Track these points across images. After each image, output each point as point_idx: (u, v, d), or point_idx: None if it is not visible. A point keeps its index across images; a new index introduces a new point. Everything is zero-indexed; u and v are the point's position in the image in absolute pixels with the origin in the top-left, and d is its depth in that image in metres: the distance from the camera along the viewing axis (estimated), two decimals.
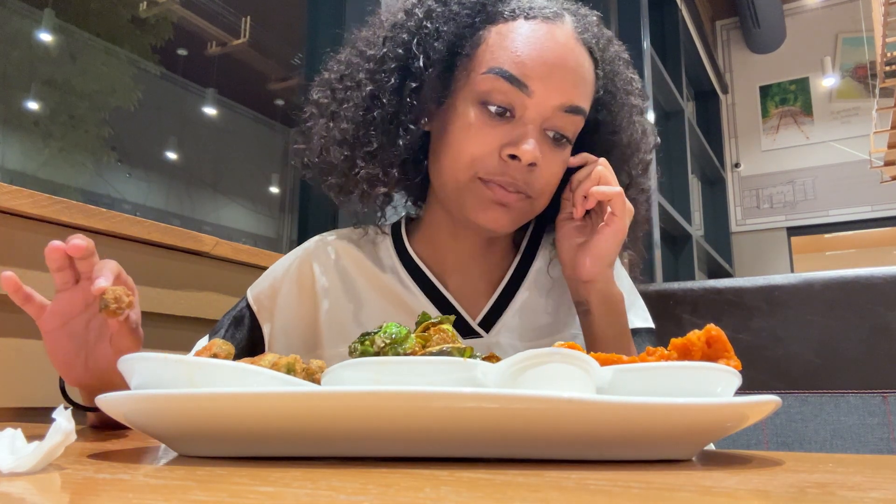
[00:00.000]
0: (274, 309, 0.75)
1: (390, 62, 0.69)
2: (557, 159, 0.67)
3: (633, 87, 0.74)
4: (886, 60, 3.87)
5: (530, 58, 0.64)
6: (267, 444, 0.37)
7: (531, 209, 0.68)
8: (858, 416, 0.90)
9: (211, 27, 4.43)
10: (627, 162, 0.74)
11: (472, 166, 0.65)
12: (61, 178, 3.04)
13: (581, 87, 0.66)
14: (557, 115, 0.65)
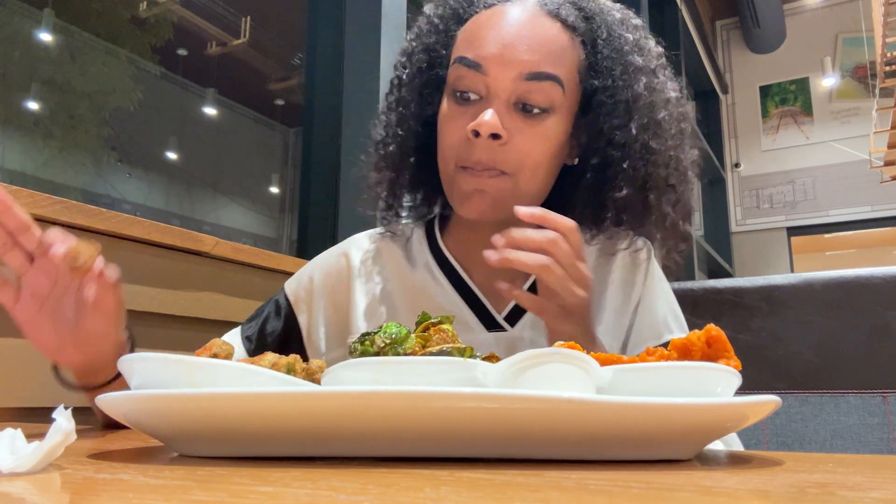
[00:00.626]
0: (311, 301, 0.77)
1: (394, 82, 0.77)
2: (532, 131, 0.66)
3: (633, 48, 0.71)
4: (886, 60, 3.87)
5: (483, 37, 0.67)
6: (267, 444, 0.37)
7: (513, 188, 0.66)
8: (858, 416, 0.90)
9: (211, 27, 4.43)
10: (630, 121, 0.69)
11: (452, 155, 0.68)
12: (61, 178, 3.04)
13: (543, 55, 0.65)
14: (521, 86, 0.65)
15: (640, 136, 0.68)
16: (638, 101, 0.69)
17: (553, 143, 0.68)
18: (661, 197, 0.70)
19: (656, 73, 0.71)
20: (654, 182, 0.69)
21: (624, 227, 0.73)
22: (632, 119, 0.68)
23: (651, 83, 0.70)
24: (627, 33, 0.71)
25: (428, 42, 0.74)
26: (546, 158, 0.68)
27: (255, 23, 4.67)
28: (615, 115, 0.68)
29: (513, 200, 0.67)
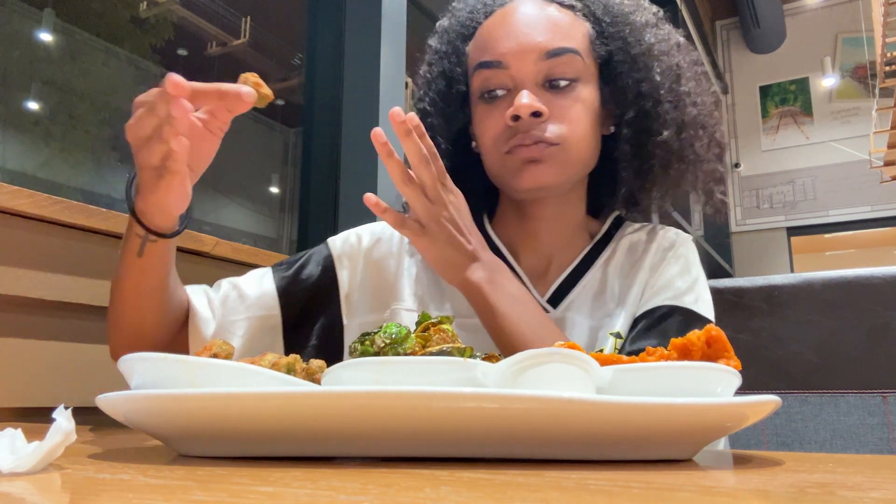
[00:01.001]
0: (356, 259, 0.79)
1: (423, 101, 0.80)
2: (566, 102, 0.69)
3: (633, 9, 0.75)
4: (886, 60, 3.87)
5: (496, 38, 0.71)
6: (267, 444, 0.37)
7: (565, 156, 0.69)
8: (858, 416, 0.90)
9: (211, 27, 4.43)
10: (651, 71, 0.73)
11: (497, 146, 0.71)
12: (61, 178, 3.04)
13: (555, 32, 0.70)
14: (543, 66, 0.69)
15: (664, 80, 0.72)
16: (652, 51, 0.73)
17: (589, 108, 0.71)
18: (695, 139, 0.73)
19: (659, 26, 0.76)
20: (688, 123, 0.72)
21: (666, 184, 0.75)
22: (651, 68, 0.72)
23: (658, 34, 0.74)
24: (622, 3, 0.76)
25: (442, 66, 0.78)
26: (587, 124, 0.71)
27: (255, 23, 4.67)
28: (635, 69, 0.72)
29: (567, 166, 0.70)
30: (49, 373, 0.82)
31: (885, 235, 6.40)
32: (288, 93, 4.99)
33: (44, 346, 0.81)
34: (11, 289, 0.77)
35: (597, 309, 0.74)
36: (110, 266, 0.89)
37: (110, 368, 0.63)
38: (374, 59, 1.68)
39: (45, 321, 0.82)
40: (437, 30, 0.81)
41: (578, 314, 0.73)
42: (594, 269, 0.76)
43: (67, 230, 0.84)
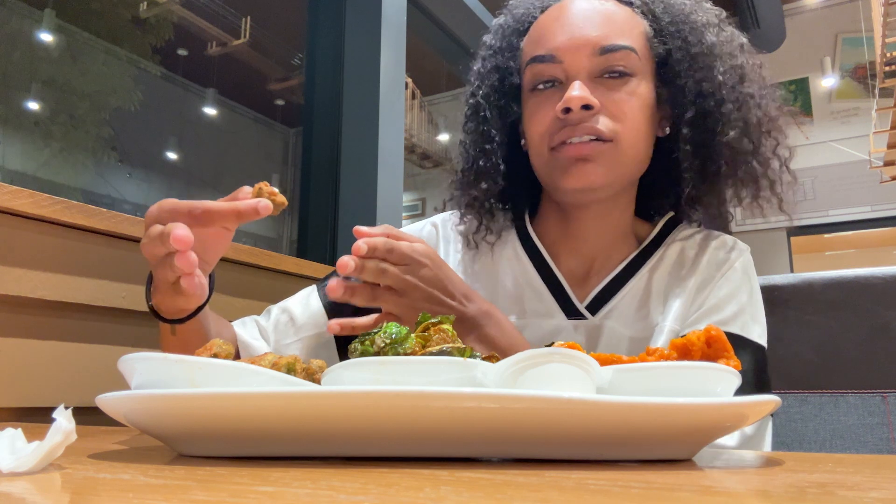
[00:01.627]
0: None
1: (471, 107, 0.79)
2: (620, 95, 0.67)
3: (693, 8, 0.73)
4: (886, 60, 3.87)
5: (550, 32, 0.70)
6: (267, 444, 0.37)
7: (618, 154, 0.67)
8: (858, 415, 0.90)
9: (211, 27, 4.43)
10: (712, 70, 0.70)
11: (543, 141, 0.69)
12: (62, 178, 3.04)
13: (609, 29, 0.68)
14: (596, 61, 0.68)
15: (727, 80, 0.70)
16: (713, 50, 0.70)
17: (644, 101, 0.69)
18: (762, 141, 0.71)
19: (721, 27, 0.73)
20: (754, 125, 0.70)
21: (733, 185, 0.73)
22: (713, 67, 0.70)
23: (722, 34, 0.72)
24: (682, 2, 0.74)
25: (496, 61, 0.77)
26: (642, 121, 0.69)
27: (255, 23, 4.67)
28: (696, 68, 0.70)
29: (618, 165, 0.68)
30: (49, 373, 0.82)
31: (884, 235, 6.40)
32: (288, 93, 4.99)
33: (44, 346, 0.81)
34: (11, 289, 0.77)
35: (639, 320, 0.71)
36: (110, 266, 0.90)
37: (110, 368, 0.63)
38: (374, 59, 1.68)
39: (45, 321, 0.82)
40: (493, 27, 0.80)
41: (618, 323, 0.71)
42: (639, 275, 0.73)
43: (67, 230, 0.84)
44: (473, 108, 0.78)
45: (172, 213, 0.54)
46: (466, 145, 0.79)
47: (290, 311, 0.76)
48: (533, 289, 0.74)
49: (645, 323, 0.70)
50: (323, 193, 1.64)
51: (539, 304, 0.74)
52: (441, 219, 0.84)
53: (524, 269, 0.76)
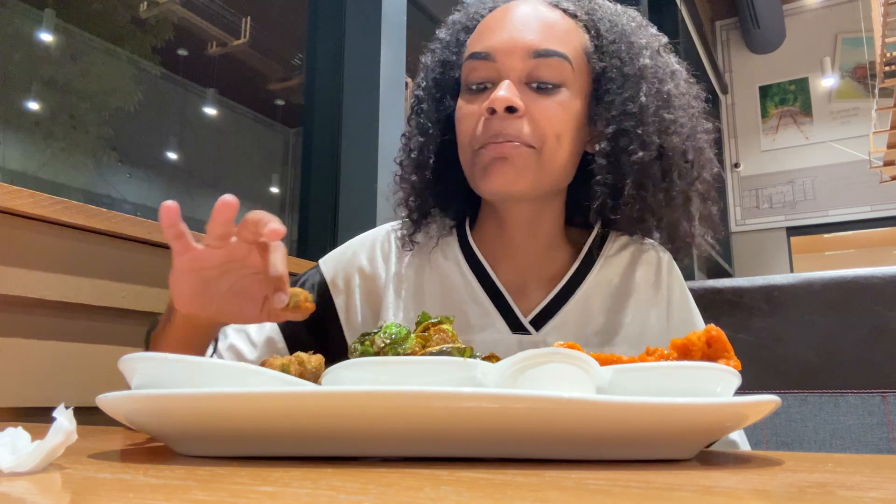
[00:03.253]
0: (350, 283, 0.78)
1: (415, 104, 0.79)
2: (547, 104, 0.67)
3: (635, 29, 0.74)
4: (886, 60, 3.88)
5: (490, 30, 0.70)
6: (267, 444, 0.37)
7: (538, 159, 0.67)
8: (858, 415, 0.90)
9: (211, 27, 4.43)
10: (639, 91, 0.70)
11: (470, 142, 0.69)
12: (62, 178, 3.04)
13: (548, 34, 0.68)
14: (529, 63, 0.67)
15: (650, 103, 0.70)
16: (644, 73, 0.71)
17: (571, 113, 0.69)
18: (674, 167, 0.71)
19: (659, 53, 0.74)
20: (671, 152, 0.70)
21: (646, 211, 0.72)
22: (640, 89, 0.70)
23: (655, 59, 0.73)
24: (630, 21, 0.75)
25: (443, 55, 0.78)
26: (566, 129, 0.69)
27: (255, 23, 4.67)
28: (625, 88, 0.70)
29: (536, 171, 0.68)
30: (49, 373, 0.82)
31: (884, 235, 6.40)
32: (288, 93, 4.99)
33: (44, 346, 0.81)
34: (11, 289, 0.77)
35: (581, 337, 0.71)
36: (110, 266, 0.90)
37: (110, 368, 0.63)
38: (374, 59, 1.68)
39: (45, 321, 0.82)
40: (447, 22, 0.81)
41: (560, 338, 0.69)
42: (580, 291, 0.73)
43: (67, 230, 0.84)
44: (416, 99, 0.78)
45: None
46: (406, 137, 0.79)
47: (247, 332, 0.75)
48: (477, 302, 0.73)
49: (587, 339, 0.71)
50: (323, 193, 1.64)
51: (484, 318, 0.72)
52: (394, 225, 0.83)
53: (467, 282, 0.75)
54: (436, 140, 0.75)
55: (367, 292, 0.78)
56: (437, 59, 0.78)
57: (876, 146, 4.44)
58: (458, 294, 0.75)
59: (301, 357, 0.45)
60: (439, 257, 0.78)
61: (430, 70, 0.78)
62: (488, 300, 0.73)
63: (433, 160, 0.75)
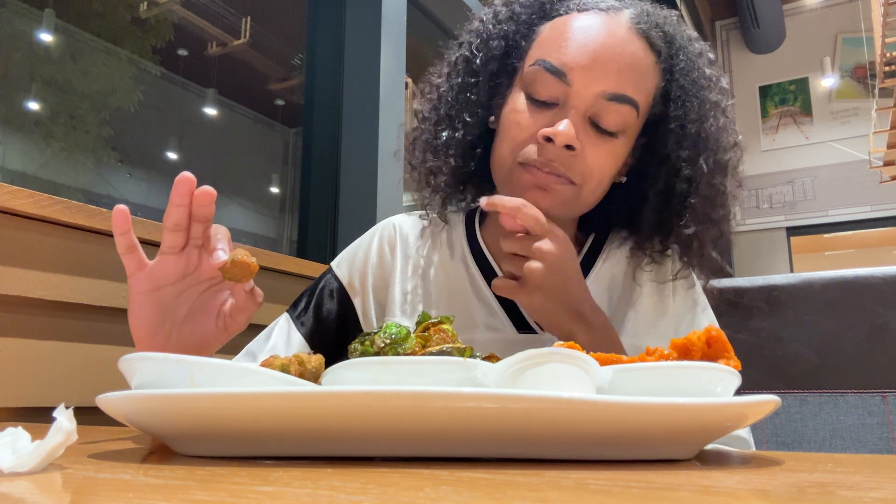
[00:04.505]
0: (364, 283, 0.78)
1: (460, 63, 0.74)
2: (603, 148, 0.66)
3: (710, 83, 0.70)
4: (886, 60, 3.88)
5: (573, 47, 0.65)
6: (267, 444, 0.37)
7: (576, 196, 0.67)
8: (858, 415, 0.90)
9: (211, 27, 4.43)
10: (699, 156, 0.68)
11: (514, 151, 0.67)
12: (62, 178, 3.04)
13: (628, 76, 0.65)
14: (600, 103, 0.65)
15: (710, 174, 0.68)
16: (709, 138, 0.68)
17: (619, 161, 0.68)
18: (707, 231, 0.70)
19: (726, 113, 0.71)
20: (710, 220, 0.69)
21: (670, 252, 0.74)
22: (700, 155, 0.68)
23: (723, 123, 0.70)
24: (706, 67, 0.71)
25: (507, 29, 0.72)
26: (607, 177, 0.68)
27: (255, 23, 4.67)
28: (684, 147, 0.68)
29: (573, 207, 0.68)
30: (49, 373, 0.82)
31: (884, 235, 6.40)
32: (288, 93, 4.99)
33: (44, 346, 0.81)
34: (11, 289, 0.77)
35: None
36: (110, 266, 0.89)
37: (110, 368, 0.63)
38: (374, 59, 1.68)
39: (45, 321, 0.82)
40: None
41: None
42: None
43: (67, 230, 0.84)
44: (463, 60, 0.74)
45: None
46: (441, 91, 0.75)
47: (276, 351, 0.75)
48: (482, 301, 0.73)
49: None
50: (323, 193, 1.64)
51: (490, 317, 0.72)
52: (399, 218, 0.83)
53: (473, 280, 0.75)
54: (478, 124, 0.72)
55: (377, 288, 0.78)
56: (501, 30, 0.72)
57: (876, 146, 4.44)
58: (463, 292, 0.74)
59: (301, 357, 0.45)
60: (446, 253, 0.78)
61: (491, 40, 0.72)
62: (494, 299, 0.73)
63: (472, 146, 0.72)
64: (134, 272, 0.55)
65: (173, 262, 0.56)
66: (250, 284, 0.57)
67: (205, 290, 0.58)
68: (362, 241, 0.82)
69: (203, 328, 0.58)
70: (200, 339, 0.59)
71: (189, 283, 0.57)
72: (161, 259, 0.56)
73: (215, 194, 0.54)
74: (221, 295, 0.59)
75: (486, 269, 0.75)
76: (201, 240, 0.56)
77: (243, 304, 0.58)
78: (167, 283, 0.56)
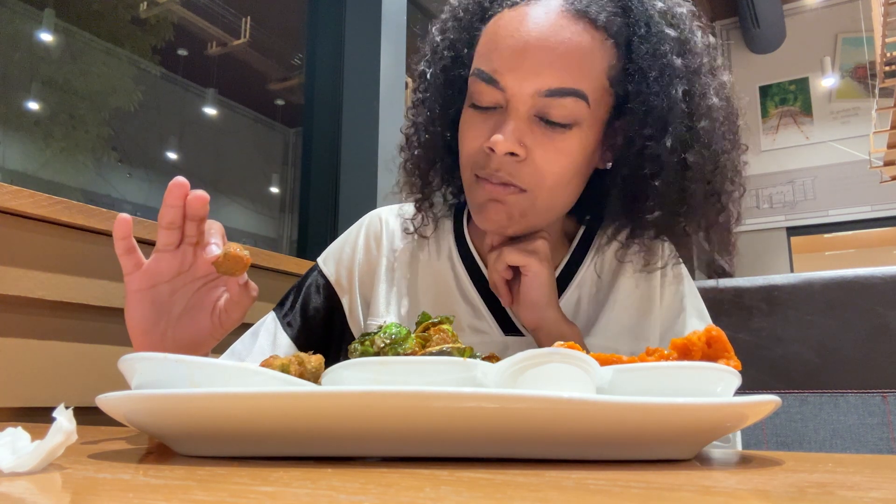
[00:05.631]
0: (351, 280, 0.77)
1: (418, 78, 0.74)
2: (555, 146, 0.61)
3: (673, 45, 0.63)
4: (886, 60, 3.87)
5: (502, 50, 0.62)
6: (267, 444, 0.37)
7: (531, 205, 0.63)
8: (858, 415, 0.90)
9: (211, 27, 4.43)
10: (665, 136, 0.62)
11: (469, 163, 0.65)
12: (62, 178, 3.04)
13: (564, 67, 0.60)
14: (541, 101, 0.61)
15: (675, 151, 0.62)
16: (674, 110, 0.62)
17: (575, 158, 0.63)
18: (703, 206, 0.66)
19: (699, 75, 0.64)
20: (693, 197, 0.64)
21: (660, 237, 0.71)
22: (666, 131, 0.62)
23: (692, 89, 0.63)
24: (669, 28, 0.63)
25: (452, 38, 0.71)
26: (567, 175, 0.64)
27: (255, 23, 4.67)
28: (647, 125, 0.63)
29: (531, 217, 0.64)
30: (49, 373, 0.82)
31: (884, 235, 6.40)
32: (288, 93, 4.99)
33: (44, 346, 0.81)
34: (11, 289, 0.77)
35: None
36: (110, 266, 0.89)
37: (110, 368, 0.63)
38: (374, 59, 1.68)
39: (45, 321, 0.82)
40: None
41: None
42: (572, 288, 0.72)
43: (67, 230, 0.84)
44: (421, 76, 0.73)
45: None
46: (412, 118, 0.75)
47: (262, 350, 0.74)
48: (468, 302, 0.72)
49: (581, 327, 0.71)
50: (323, 193, 1.64)
51: (475, 319, 0.72)
52: (386, 211, 0.82)
53: (459, 280, 0.74)
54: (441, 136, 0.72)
55: (363, 284, 0.77)
56: (447, 39, 0.71)
57: (876, 146, 4.43)
58: (449, 293, 0.74)
59: (301, 357, 0.45)
60: (433, 250, 0.77)
61: (437, 52, 0.71)
62: (480, 300, 0.72)
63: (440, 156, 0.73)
64: (131, 272, 0.56)
65: (168, 259, 0.56)
66: (244, 278, 0.57)
67: (200, 287, 0.59)
68: (349, 235, 0.80)
69: (198, 325, 0.59)
70: (195, 336, 0.59)
71: (184, 280, 0.57)
72: (156, 257, 0.56)
73: (208, 199, 0.54)
74: (216, 291, 0.59)
75: (472, 269, 0.74)
76: (196, 237, 0.56)
77: (238, 298, 0.58)
78: (162, 281, 0.57)
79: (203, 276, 0.58)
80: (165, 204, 0.54)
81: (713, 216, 0.67)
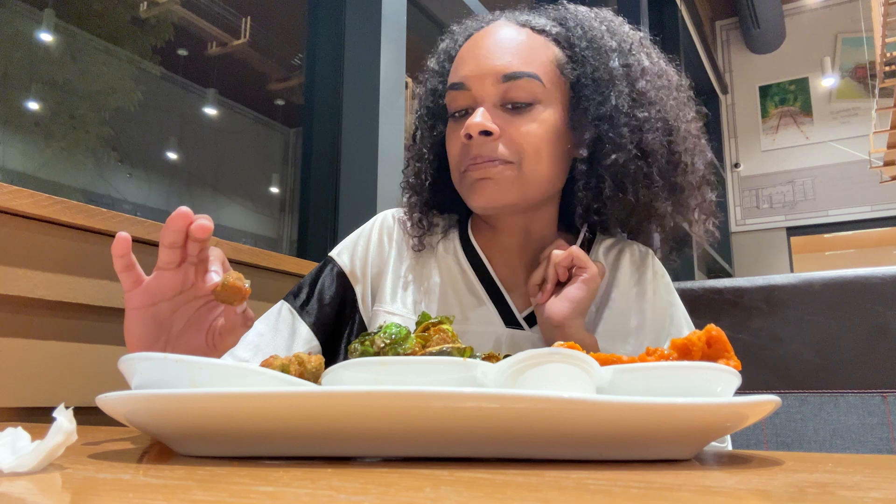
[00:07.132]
0: (365, 271, 0.81)
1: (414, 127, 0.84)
2: (522, 120, 0.70)
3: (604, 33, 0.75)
4: (886, 60, 3.88)
5: (464, 60, 0.74)
6: (267, 444, 0.37)
7: (519, 173, 0.70)
8: (858, 415, 0.90)
9: (211, 27, 4.44)
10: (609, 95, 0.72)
11: (456, 165, 0.74)
12: (62, 178, 3.04)
13: (515, 56, 0.71)
14: (501, 88, 0.70)
15: (621, 104, 0.71)
16: (614, 75, 0.72)
17: (547, 127, 0.71)
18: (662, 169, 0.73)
19: (631, 51, 0.75)
20: (650, 149, 0.72)
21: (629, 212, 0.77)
22: (611, 92, 0.72)
23: (626, 58, 0.74)
24: (598, 23, 0.77)
25: (431, 85, 0.82)
26: (544, 142, 0.71)
27: (255, 23, 4.67)
28: (596, 94, 0.72)
29: (520, 185, 0.71)
30: (49, 373, 0.82)
31: (884, 235, 6.40)
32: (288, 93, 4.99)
33: (44, 346, 0.81)
34: (11, 289, 0.77)
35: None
36: (110, 266, 0.89)
37: (110, 368, 0.63)
38: (374, 59, 1.68)
39: (45, 321, 0.82)
40: (436, 50, 0.85)
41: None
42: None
43: (67, 230, 0.84)
44: (415, 125, 0.84)
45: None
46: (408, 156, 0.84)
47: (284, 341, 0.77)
48: (474, 294, 0.77)
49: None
50: (323, 193, 1.64)
51: (480, 312, 0.76)
52: (399, 211, 0.86)
53: (465, 274, 0.78)
54: (433, 164, 0.80)
55: (374, 276, 0.81)
56: (428, 87, 0.83)
57: (876, 146, 4.44)
58: (456, 285, 0.78)
59: (301, 357, 0.45)
60: (440, 247, 0.81)
61: (423, 99, 0.83)
62: (484, 292, 0.77)
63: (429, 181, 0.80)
64: (130, 289, 0.56)
65: (169, 277, 0.56)
66: (243, 307, 0.57)
67: (201, 305, 0.58)
68: (363, 230, 0.85)
69: (195, 344, 0.59)
70: (193, 353, 0.59)
71: (185, 298, 0.57)
72: (157, 275, 0.56)
73: (211, 229, 0.53)
74: (216, 311, 0.59)
75: (477, 265, 0.79)
76: (197, 258, 0.56)
77: (232, 326, 0.58)
78: (163, 299, 0.57)
79: (204, 296, 0.58)
80: (167, 228, 0.54)
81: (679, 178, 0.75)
